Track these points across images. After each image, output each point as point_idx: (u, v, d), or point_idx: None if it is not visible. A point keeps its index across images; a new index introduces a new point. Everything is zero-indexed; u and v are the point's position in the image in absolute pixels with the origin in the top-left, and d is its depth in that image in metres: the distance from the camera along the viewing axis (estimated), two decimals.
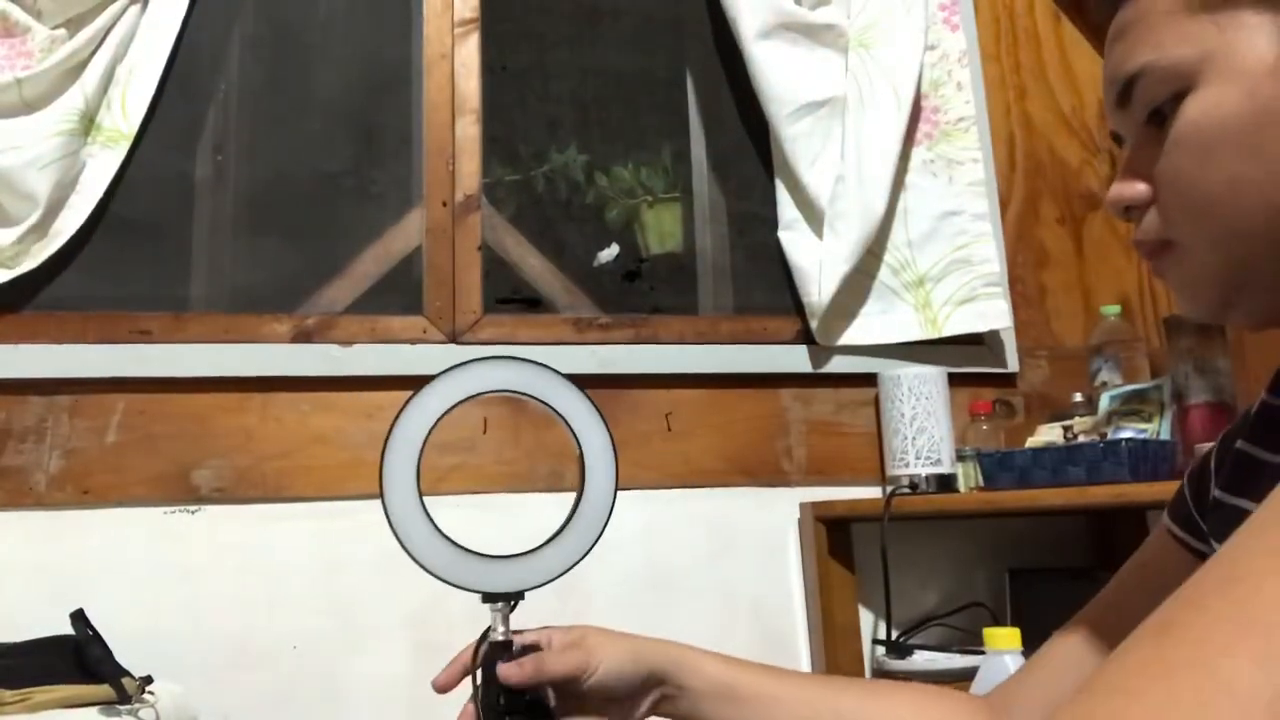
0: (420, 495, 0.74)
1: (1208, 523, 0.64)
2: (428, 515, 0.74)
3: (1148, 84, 0.53)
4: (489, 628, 0.74)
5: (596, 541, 0.76)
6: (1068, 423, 1.58)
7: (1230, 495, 0.61)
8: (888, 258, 1.77)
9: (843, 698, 0.74)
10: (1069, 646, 0.71)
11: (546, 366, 0.77)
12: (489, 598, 0.74)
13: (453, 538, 0.74)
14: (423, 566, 0.73)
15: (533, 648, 0.73)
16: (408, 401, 0.76)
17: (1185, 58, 0.51)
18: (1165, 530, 0.69)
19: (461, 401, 0.77)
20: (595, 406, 0.78)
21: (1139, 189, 0.55)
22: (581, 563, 0.75)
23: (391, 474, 0.74)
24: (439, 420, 0.76)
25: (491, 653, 0.73)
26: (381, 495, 0.73)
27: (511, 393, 0.77)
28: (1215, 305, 0.55)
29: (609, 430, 0.78)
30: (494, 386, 0.77)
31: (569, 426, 0.77)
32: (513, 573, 0.74)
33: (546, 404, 0.77)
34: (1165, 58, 0.52)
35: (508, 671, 0.71)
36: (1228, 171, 0.50)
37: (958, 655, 1.47)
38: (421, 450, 0.75)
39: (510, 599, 0.73)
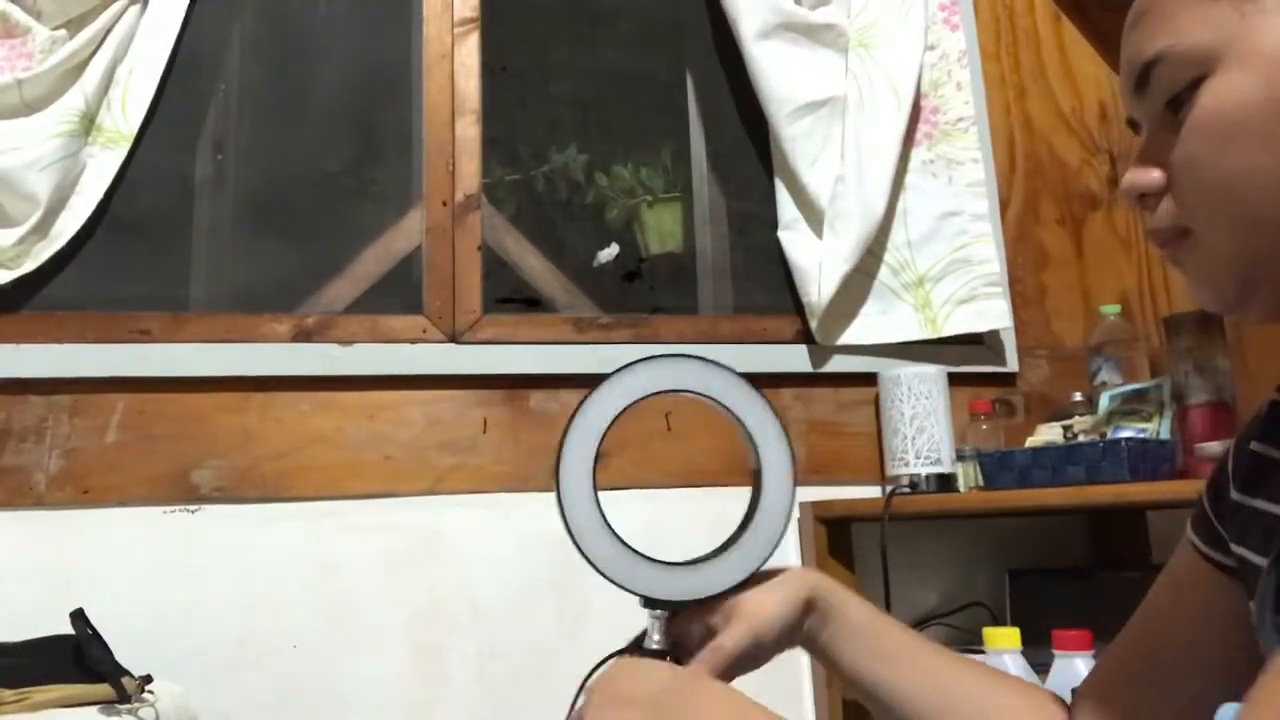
0: (596, 492, 0.71)
1: (1226, 527, 0.63)
2: (602, 513, 0.71)
3: (1166, 69, 0.52)
4: (643, 632, 0.72)
5: (769, 557, 0.73)
6: (1067, 422, 1.58)
7: (1248, 497, 0.60)
8: (888, 258, 1.77)
9: (954, 677, 0.74)
10: (1114, 674, 0.71)
11: (730, 370, 0.75)
12: (650, 603, 0.72)
13: (625, 539, 0.71)
14: (594, 565, 0.70)
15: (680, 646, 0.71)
16: (586, 397, 0.72)
17: (1204, 43, 0.50)
18: (1189, 544, 0.67)
19: (641, 399, 0.73)
20: (776, 415, 0.75)
21: (1154, 176, 0.54)
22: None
23: (569, 469, 0.70)
24: (618, 417, 0.72)
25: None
26: (557, 489, 0.70)
27: (691, 393, 0.74)
28: (1231, 297, 0.54)
29: (789, 440, 0.75)
30: (673, 386, 0.74)
31: (748, 434, 0.74)
32: (682, 581, 0.71)
33: (727, 409, 0.74)
34: (1184, 42, 0.51)
35: (703, 658, 0.69)
36: (1244, 159, 0.49)
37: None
38: (600, 445, 0.71)
39: (672, 607, 0.71)
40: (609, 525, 0.71)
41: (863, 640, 0.73)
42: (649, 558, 0.71)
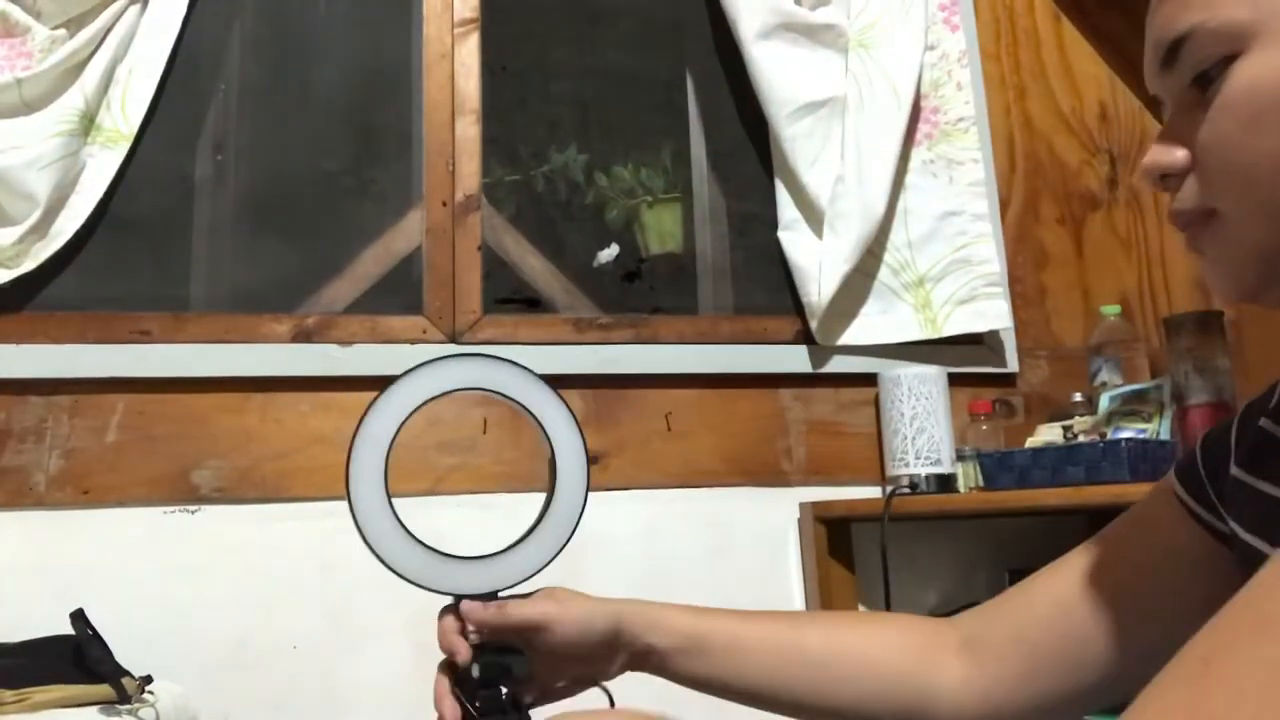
0: (389, 496, 0.72)
1: (1224, 499, 0.62)
2: (396, 517, 0.72)
3: (1196, 45, 0.50)
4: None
5: (568, 541, 0.75)
6: (1067, 423, 1.58)
7: (1250, 475, 0.60)
8: (888, 258, 1.77)
9: (808, 634, 0.75)
10: (1055, 590, 0.70)
11: (516, 364, 0.76)
12: (459, 599, 0.73)
13: (422, 539, 0.72)
14: (392, 569, 0.72)
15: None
16: (374, 400, 0.73)
17: (1239, 19, 0.48)
18: (1170, 491, 0.67)
19: (429, 400, 0.74)
20: (566, 404, 0.76)
21: (1178, 155, 0.52)
22: (554, 563, 0.75)
23: (358, 474, 0.72)
24: (407, 419, 0.73)
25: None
26: (348, 497, 0.71)
27: (481, 390, 0.75)
28: (1252, 284, 0.52)
29: (580, 428, 0.77)
30: (460, 385, 0.75)
31: (539, 424, 0.76)
32: (485, 573, 0.73)
33: (516, 401, 0.76)
34: (1217, 18, 0.49)
35: (470, 608, 0.70)
36: (1273, 141, 0.48)
37: None
38: (389, 449, 0.73)
39: (482, 600, 0.73)
40: (405, 529, 0.72)
41: (685, 652, 0.74)
42: (451, 555, 0.73)
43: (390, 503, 0.72)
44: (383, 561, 0.71)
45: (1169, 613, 0.65)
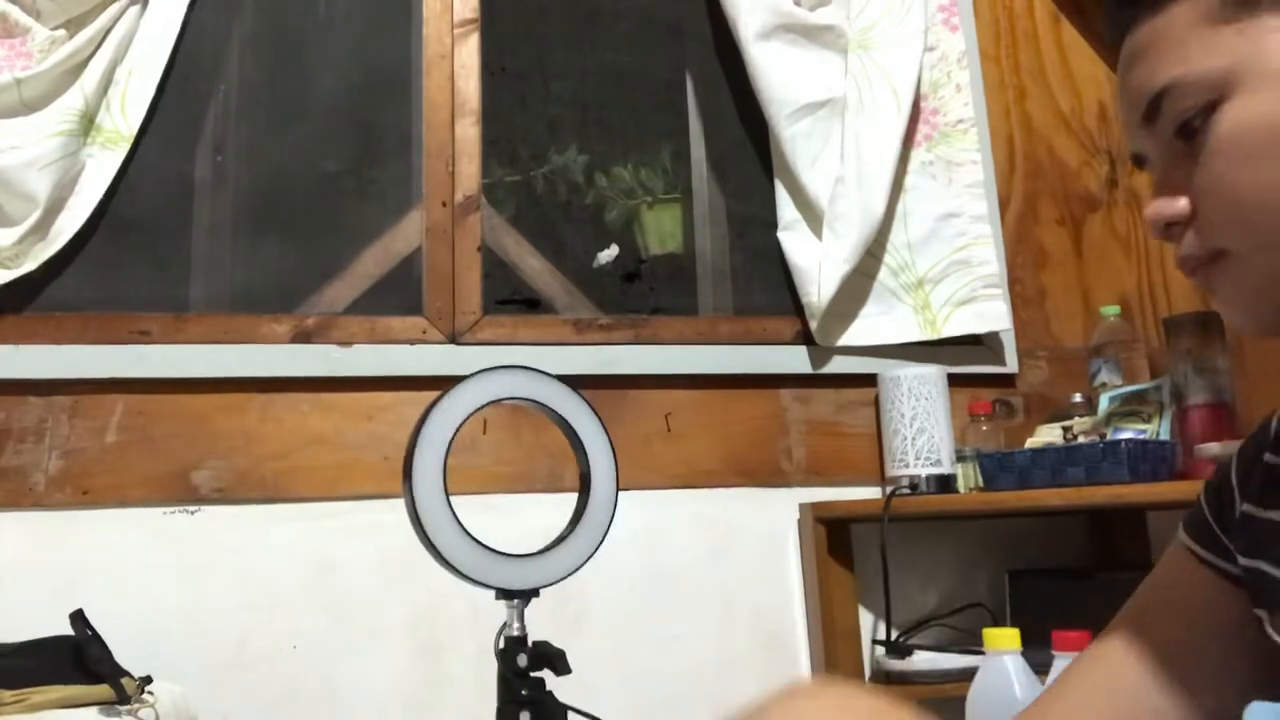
0: (448, 497, 0.79)
1: (1233, 538, 0.62)
2: (455, 517, 0.78)
3: (1177, 98, 0.52)
4: (504, 623, 0.79)
5: (600, 545, 0.81)
6: (1067, 423, 1.58)
7: (1262, 509, 0.60)
8: (887, 259, 1.77)
9: None
10: (1096, 676, 0.69)
11: (549, 375, 0.81)
12: (506, 595, 0.79)
13: (478, 538, 0.78)
14: (452, 567, 0.77)
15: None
16: (433, 405, 0.79)
17: (1215, 69, 0.51)
18: (1183, 547, 0.67)
19: (483, 406, 0.81)
20: (599, 418, 0.83)
21: (1180, 205, 0.54)
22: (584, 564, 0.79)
23: (421, 478, 0.79)
24: (460, 427, 0.81)
25: (510, 647, 0.78)
26: (410, 500, 0.77)
27: (522, 400, 0.83)
28: (1269, 317, 0.53)
29: (608, 434, 0.82)
30: (509, 394, 0.82)
31: (573, 431, 0.81)
32: (528, 572, 0.79)
33: (551, 409, 0.82)
34: (1194, 71, 0.51)
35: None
36: (1270, 176, 0.50)
37: (957, 655, 1.47)
38: (447, 451, 0.78)
39: (526, 596, 0.79)
40: (463, 528, 0.78)
41: None
42: (500, 553, 0.80)
43: (450, 504, 0.79)
44: (439, 556, 0.77)
45: (1222, 668, 0.64)
